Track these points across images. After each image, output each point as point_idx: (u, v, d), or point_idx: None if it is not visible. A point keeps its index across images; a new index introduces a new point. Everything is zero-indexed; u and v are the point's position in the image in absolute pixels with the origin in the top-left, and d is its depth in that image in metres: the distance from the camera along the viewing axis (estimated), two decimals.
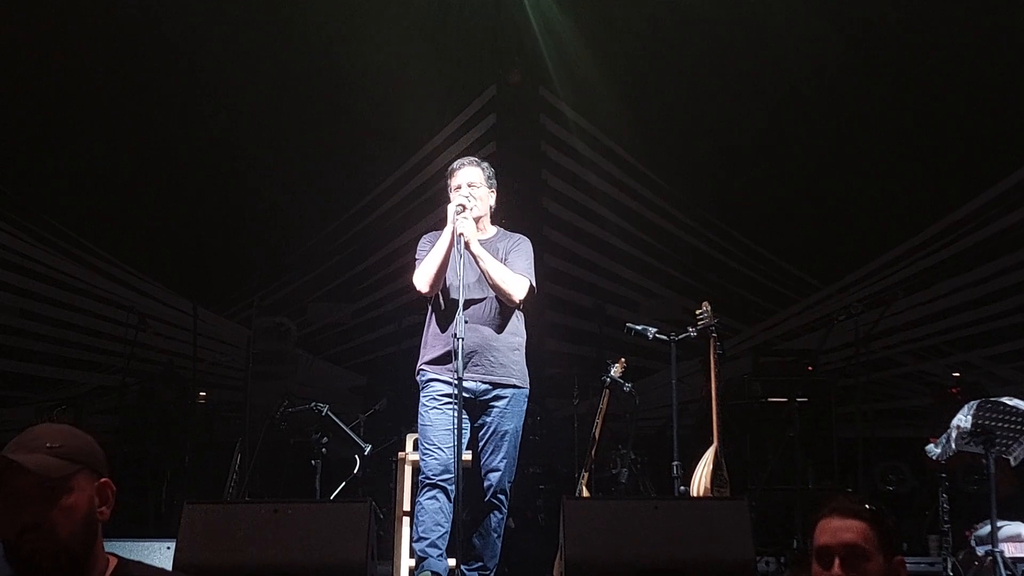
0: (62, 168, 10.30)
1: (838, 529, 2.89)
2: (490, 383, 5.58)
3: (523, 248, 5.79)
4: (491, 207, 5.86)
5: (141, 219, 10.61)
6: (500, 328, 5.63)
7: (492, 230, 5.87)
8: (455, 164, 5.88)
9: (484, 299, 5.61)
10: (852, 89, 10.36)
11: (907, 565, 3.03)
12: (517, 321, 5.74)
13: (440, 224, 5.66)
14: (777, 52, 9.97)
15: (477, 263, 5.54)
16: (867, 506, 2.90)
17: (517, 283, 5.62)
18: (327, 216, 10.92)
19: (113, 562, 2.66)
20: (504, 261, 5.67)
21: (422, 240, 5.81)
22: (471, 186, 5.74)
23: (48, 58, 9.86)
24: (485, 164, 5.90)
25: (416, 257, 5.75)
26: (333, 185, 10.68)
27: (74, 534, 2.52)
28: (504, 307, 5.64)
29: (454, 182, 5.78)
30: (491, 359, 5.57)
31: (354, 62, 10.18)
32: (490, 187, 5.84)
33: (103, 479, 2.64)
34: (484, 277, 5.58)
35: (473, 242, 5.53)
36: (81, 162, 10.28)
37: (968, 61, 10.00)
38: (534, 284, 5.74)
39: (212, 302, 10.60)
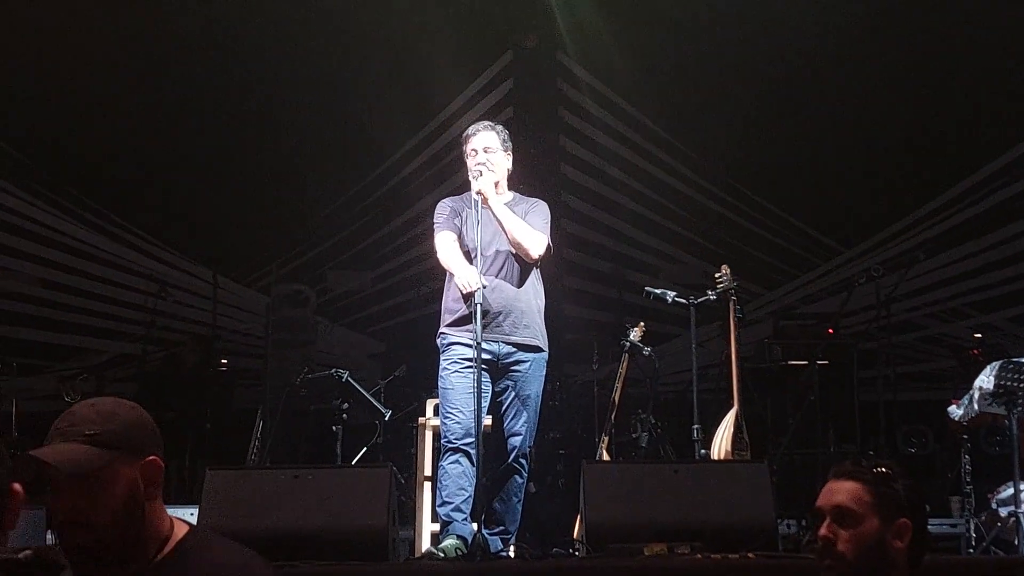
0: (81, 137, 10.30)
1: (830, 491, 2.90)
2: (513, 344, 5.57)
3: (540, 209, 5.77)
4: (508, 170, 5.82)
5: (160, 188, 10.64)
6: (522, 288, 5.63)
7: (509, 195, 5.83)
8: (470, 129, 5.85)
9: (505, 260, 5.61)
10: (873, 50, 10.25)
11: (929, 527, 3.00)
12: (537, 283, 5.73)
13: (458, 190, 5.63)
14: (795, 13, 9.86)
15: (495, 218, 5.53)
16: (875, 469, 2.88)
17: (536, 239, 5.61)
18: (345, 183, 10.90)
19: (181, 532, 2.55)
20: None
21: (439, 206, 5.79)
22: (487, 151, 5.70)
23: (67, 27, 9.83)
24: (500, 127, 5.87)
25: (434, 221, 5.74)
26: (351, 152, 10.65)
27: (114, 524, 2.42)
28: (524, 266, 5.63)
29: (469, 147, 5.75)
30: (515, 319, 5.57)
31: (370, 28, 10.13)
32: (506, 150, 5.80)
33: (149, 457, 2.52)
34: (503, 235, 5.56)
35: (492, 198, 5.52)
36: (100, 132, 10.28)
37: (992, 19, 9.88)
38: (551, 244, 5.74)
39: (231, 270, 10.62)
